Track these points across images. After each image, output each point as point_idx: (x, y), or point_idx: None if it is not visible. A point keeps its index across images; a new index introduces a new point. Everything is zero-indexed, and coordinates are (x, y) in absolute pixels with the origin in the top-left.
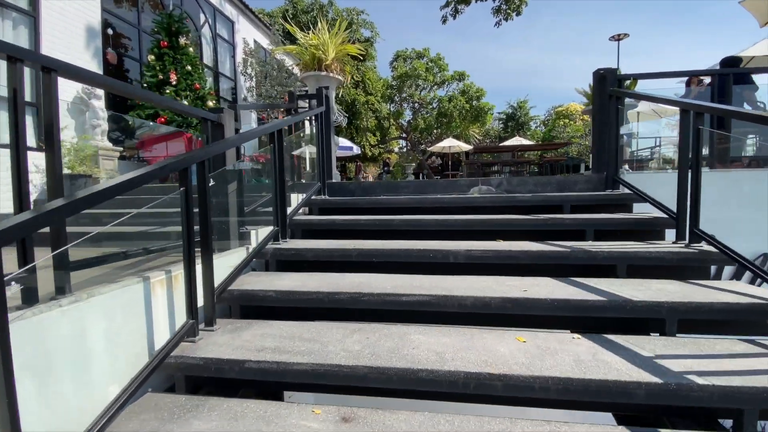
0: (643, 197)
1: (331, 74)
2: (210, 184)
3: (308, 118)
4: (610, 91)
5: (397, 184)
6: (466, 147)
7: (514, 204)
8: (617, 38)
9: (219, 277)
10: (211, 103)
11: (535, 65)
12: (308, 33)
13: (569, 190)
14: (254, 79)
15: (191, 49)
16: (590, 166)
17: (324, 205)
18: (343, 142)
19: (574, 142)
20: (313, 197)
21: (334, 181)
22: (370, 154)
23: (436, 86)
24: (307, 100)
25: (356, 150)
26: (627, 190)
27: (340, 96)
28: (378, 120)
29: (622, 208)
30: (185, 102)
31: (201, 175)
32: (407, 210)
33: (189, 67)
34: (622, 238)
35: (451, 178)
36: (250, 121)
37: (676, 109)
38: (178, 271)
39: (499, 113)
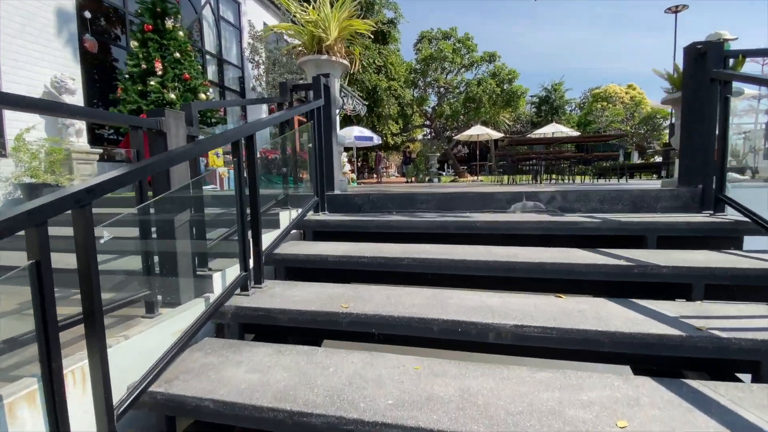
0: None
1: (334, 58)
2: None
3: (306, 113)
4: (714, 74)
5: (413, 197)
6: (496, 135)
7: (576, 233)
8: (674, 10)
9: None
10: (203, 96)
11: (572, 46)
12: (307, 7)
13: (648, 209)
14: (261, 67)
15: (181, 33)
16: (631, 154)
17: (320, 227)
18: (363, 131)
19: (624, 130)
20: (308, 216)
21: (337, 192)
22: (392, 142)
23: (463, 69)
24: (305, 92)
25: (377, 140)
26: (737, 215)
27: (360, 81)
28: (401, 106)
29: (730, 242)
30: (172, 96)
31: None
32: (426, 237)
33: (178, 54)
34: (749, 296)
35: (479, 166)
36: (260, 114)
37: None
38: None
39: (531, 96)
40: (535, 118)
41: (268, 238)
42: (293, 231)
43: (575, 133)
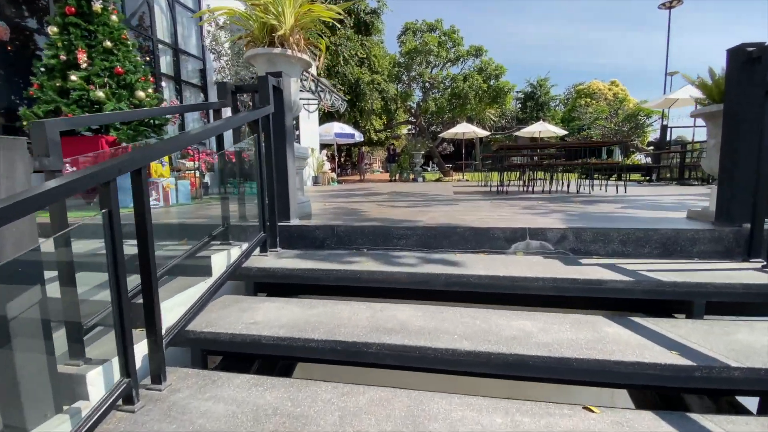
0: None
1: (290, 52)
2: None
3: (253, 123)
4: None
5: (390, 231)
6: (482, 133)
7: (598, 295)
8: (668, 6)
9: None
10: (142, 94)
11: (552, 40)
12: None
13: (682, 253)
14: (224, 58)
15: (114, 17)
16: (614, 151)
17: (265, 276)
18: (344, 128)
19: (609, 128)
20: (252, 258)
21: (294, 223)
22: (375, 138)
23: (449, 63)
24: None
25: (358, 137)
26: None
27: (342, 74)
28: (385, 101)
29: None
30: (100, 93)
31: None
32: (405, 293)
33: (108, 43)
34: None
35: (464, 165)
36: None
37: None
38: None
39: (517, 92)
40: (521, 114)
41: (184, 299)
42: (228, 283)
43: (563, 132)
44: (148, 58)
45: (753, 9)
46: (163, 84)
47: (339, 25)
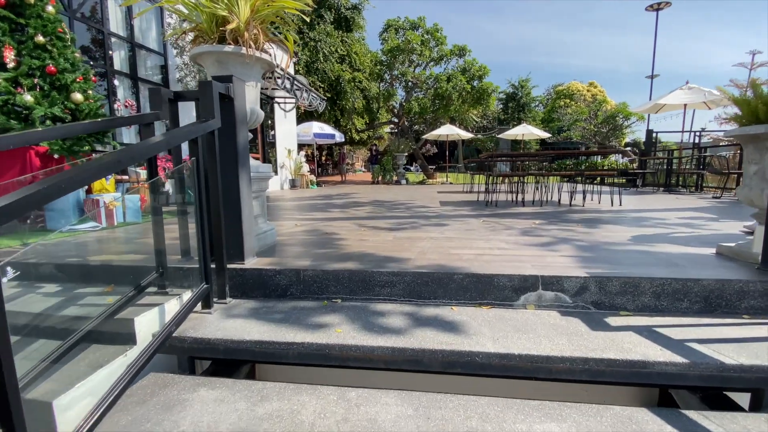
0: None
1: (245, 50)
2: None
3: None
4: None
5: (370, 278)
6: (466, 135)
7: (641, 381)
8: (656, 7)
9: None
10: (79, 97)
11: (533, 39)
12: None
13: (728, 309)
14: (186, 54)
15: (50, 7)
16: None
17: (201, 349)
18: (323, 128)
19: (588, 129)
20: (190, 319)
21: (249, 266)
22: (357, 138)
23: (432, 63)
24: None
25: (339, 137)
26: None
27: (322, 71)
28: (367, 100)
29: None
30: (28, 98)
31: None
32: (391, 367)
33: (41, 38)
34: None
35: (448, 167)
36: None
37: None
38: None
39: (498, 93)
40: (502, 115)
41: (92, 387)
42: (156, 355)
43: (546, 135)
44: (76, 55)
45: (732, 9)
46: (116, 83)
47: (306, 18)
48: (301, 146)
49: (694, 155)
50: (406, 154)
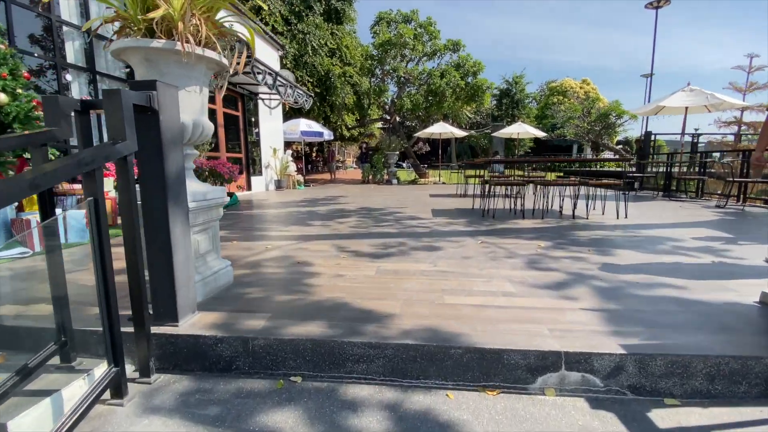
0: None
1: (180, 46)
2: None
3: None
4: None
5: (339, 350)
6: (459, 133)
7: None
8: (655, 5)
9: None
10: (3, 97)
11: (526, 35)
12: None
13: None
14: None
15: None
16: (584, 149)
17: None
18: (311, 125)
19: (582, 127)
20: (89, 422)
21: (182, 330)
22: (348, 135)
23: (425, 57)
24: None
25: (327, 135)
26: None
27: (311, 65)
28: (357, 96)
29: None
30: None
31: None
32: None
33: None
34: None
35: (440, 163)
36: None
37: None
38: None
39: (492, 90)
40: (496, 111)
41: None
42: None
43: (541, 134)
44: (45, 45)
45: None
46: (69, 77)
47: (265, 7)
48: (288, 144)
49: (696, 160)
50: (398, 152)
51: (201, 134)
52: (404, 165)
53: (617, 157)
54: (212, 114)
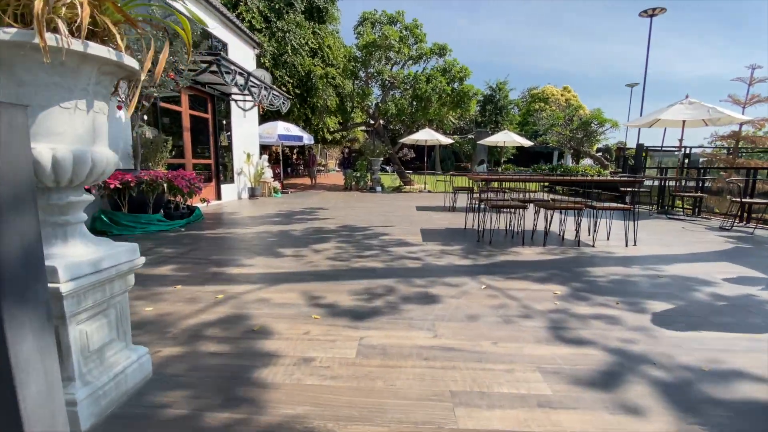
0: None
1: (55, 40)
2: None
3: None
4: None
5: None
6: (445, 140)
7: None
8: (650, 14)
9: None
10: None
11: (508, 41)
12: None
13: None
14: None
15: None
16: (564, 156)
17: None
18: (289, 128)
19: (564, 134)
20: None
21: None
22: (330, 138)
23: (411, 61)
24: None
25: (307, 139)
26: None
27: (291, 65)
28: (341, 98)
29: None
30: None
31: None
32: None
33: None
34: None
35: (426, 167)
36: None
37: None
38: None
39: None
40: (479, 117)
41: None
42: None
43: (528, 143)
44: None
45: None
46: None
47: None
48: (265, 148)
49: (692, 175)
50: (382, 159)
51: (92, 172)
52: (388, 169)
53: (599, 164)
54: (177, 117)
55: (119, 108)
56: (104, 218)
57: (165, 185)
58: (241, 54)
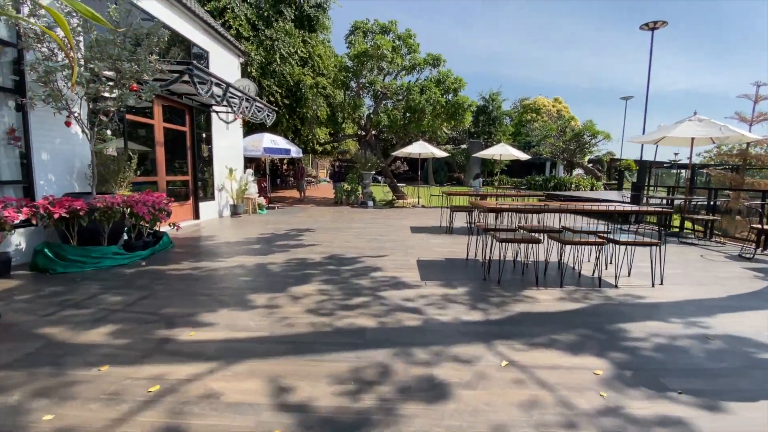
0: None
1: None
2: None
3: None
4: None
5: None
6: (440, 154)
7: None
8: (651, 27)
9: None
10: None
11: (500, 53)
12: None
13: None
14: (47, 44)
15: None
16: (556, 166)
17: None
18: (275, 141)
19: (557, 146)
20: None
21: None
22: (320, 149)
23: (404, 72)
24: None
25: (295, 152)
26: None
27: (279, 74)
28: (331, 108)
29: None
30: None
31: None
32: None
33: None
34: None
35: (419, 185)
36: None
37: None
38: None
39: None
40: (473, 127)
41: None
42: None
43: (525, 156)
44: None
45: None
46: None
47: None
48: (252, 160)
49: (700, 196)
50: (374, 172)
51: None
52: (380, 179)
53: (591, 175)
54: (149, 130)
55: (68, 125)
56: (48, 253)
57: (127, 211)
58: (224, 63)
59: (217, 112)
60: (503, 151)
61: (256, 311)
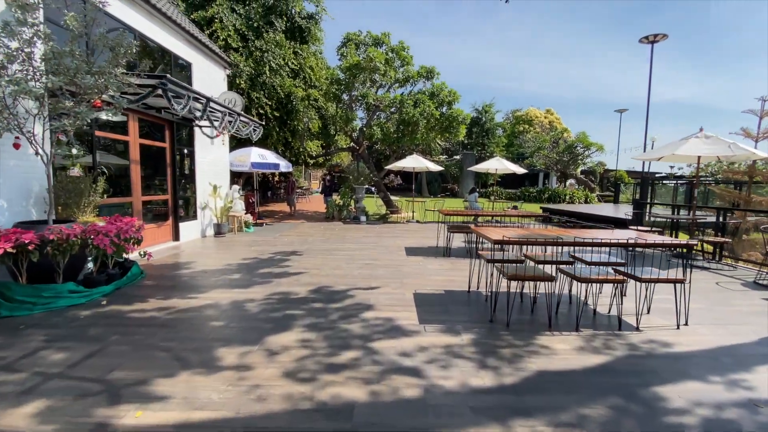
0: None
1: None
2: None
3: None
4: None
5: None
6: (434, 167)
7: None
8: (651, 40)
9: None
10: None
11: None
12: None
13: None
14: (37, 53)
15: None
16: (550, 177)
17: None
18: (264, 155)
19: (550, 157)
20: None
21: None
22: (311, 162)
23: (397, 84)
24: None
25: (284, 167)
26: None
27: (270, 87)
28: (324, 120)
29: None
30: None
31: None
32: None
33: None
34: None
35: (413, 200)
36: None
37: None
38: None
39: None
40: (466, 139)
41: None
42: None
43: (522, 170)
44: None
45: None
46: None
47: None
48: (239, 175)
49: (708, 215)
50: (366, 186)
51: None
52: (374, 191)
53: (584, 186)
54: (124, 147)
55: (16, 147)
56: None
57: (88, 243)
58: (208, 75)
59: (200, 127)
60: (499, 165)
61: (223, 375)
